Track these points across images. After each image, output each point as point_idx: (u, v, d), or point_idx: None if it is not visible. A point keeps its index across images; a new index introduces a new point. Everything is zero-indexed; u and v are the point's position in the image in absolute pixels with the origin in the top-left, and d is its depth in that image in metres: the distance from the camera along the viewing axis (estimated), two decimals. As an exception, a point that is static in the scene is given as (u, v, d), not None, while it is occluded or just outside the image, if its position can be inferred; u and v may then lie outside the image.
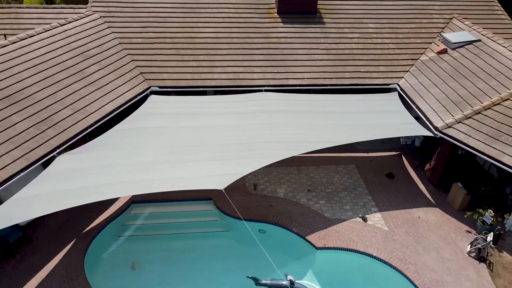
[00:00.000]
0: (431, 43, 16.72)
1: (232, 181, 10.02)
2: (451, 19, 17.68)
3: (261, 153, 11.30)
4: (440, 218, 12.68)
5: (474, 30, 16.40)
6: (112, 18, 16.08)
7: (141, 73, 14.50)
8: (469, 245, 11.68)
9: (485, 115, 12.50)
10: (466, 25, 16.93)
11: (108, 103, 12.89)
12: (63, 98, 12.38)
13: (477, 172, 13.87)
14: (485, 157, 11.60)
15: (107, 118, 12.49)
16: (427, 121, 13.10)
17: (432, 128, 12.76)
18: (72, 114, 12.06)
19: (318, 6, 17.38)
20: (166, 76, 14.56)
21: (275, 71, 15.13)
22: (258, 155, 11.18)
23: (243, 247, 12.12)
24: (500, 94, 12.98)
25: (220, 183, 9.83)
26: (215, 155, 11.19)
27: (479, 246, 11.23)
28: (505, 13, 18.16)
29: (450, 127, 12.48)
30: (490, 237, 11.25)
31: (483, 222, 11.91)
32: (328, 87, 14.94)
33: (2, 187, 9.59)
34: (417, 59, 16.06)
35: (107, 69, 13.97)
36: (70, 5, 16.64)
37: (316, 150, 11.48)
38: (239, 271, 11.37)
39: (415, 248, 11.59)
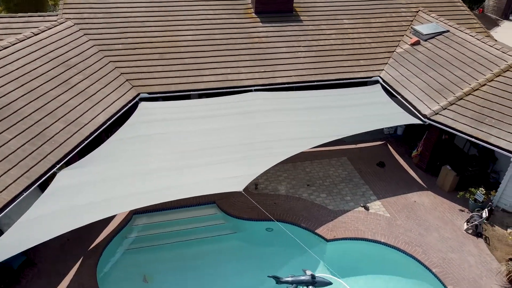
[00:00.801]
0: (403, 35, 17.55)
1: (249, 181, 10.07)
2: (417, 12, 18.64)
3: (269, 151, 11.40)
4: (433, 201, 13.41)
5: (441, 22, 17.43)
6: (87, 25, 15.46)
7: (127, 80, 14.07)
8: (465, 223, 12.47)
9: (467, 101, 13.36)
10: (433, 17, 17.94)
11: (100, 113, 12.40)
12: (53, 111, 11.75)
13: (459, 155, 14.79)
14: (473, 140, 12.42)
15: (101, 129, 12.02)
16: (415, 109, 13.78)
17: (420, 116, 13.44)
18: (65, 127, 11.49)
19: (294, 5, 17.67)
20: (154, 81, 14.23)
21: (262, 70, 15.24)
22: (266, 154, 11.28)
23: (253, 247, 12.19)
24: (477, 80, 13.91)
25: (238, 185, 9.84)
26: (223, 157, 11.14)
27: (476, 222, 12.02)
28: (464, 5, 19.44)
29: (438, 113, 13.23)
30: (485, 213, 12.08)
31: (475, 200, 12.76)
32: (315, 83, 15.26)
33: (8, 209, 8.98)
34: (393, 52, 16.80)
35: (92, 78, 13.43)
36: (39, 13, 15.77)
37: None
38: (253, 272, 11.44)
39: (417, 230, 12.19)
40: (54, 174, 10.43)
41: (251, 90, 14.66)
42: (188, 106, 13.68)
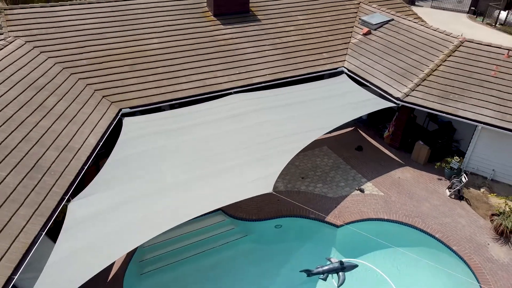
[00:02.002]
0: (353, 27, 18.79)
1: (274, 180, 10.23)
2: (359, 3, 20.04)
3: (277, 150, 11.65)
4: (414, 174, 14.75)
5: (384, 11, 18.99)
6: (40, 42, 14.19)
7: (103, 96, 13.24)
8: (447, 190, 13.94)
9: (430, 81, 14.86)
10: (374, 7, 19.45)
11: (89, 135, 11.55)
12: (39, 138, 10.68)
13: (423, 131, 16.40)
14: (444, 115, 13.89)
15: (96, 151, 11.22)
16: (386, 94, 14.94)
17: (393, 99, 14.62)
18: (59, 154, 10.53)
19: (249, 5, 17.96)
20: (131, 95, 13.57)
21: (237, 72, 15.32)
22: (276, 152, 11.53)
23: (268, 246, 12.34)
24: (433, 61, 15.51)
25: (265, 186, 9.95)
26: (236, 162, 11.12)
27: (458, 187, 13.52)
28: (397, -5, 21.33)
29: (408, 95, 14.52)
30: (464, 178, 13.61)
31: (451, 168, 14.30)
32: (289, 79, 15.73)
33: (31, 254, 8.08)
34: (348, 43, 17.92)
35: (67, 99, 12.41)
36: (-22, 34, 14.07)
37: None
38: (275, 270, 11.63)
39: (411, 203, 13.35)
40: (64, 207, 9.54)
41: (230, 93, 14.65)
42: (175, 116, 13.30)
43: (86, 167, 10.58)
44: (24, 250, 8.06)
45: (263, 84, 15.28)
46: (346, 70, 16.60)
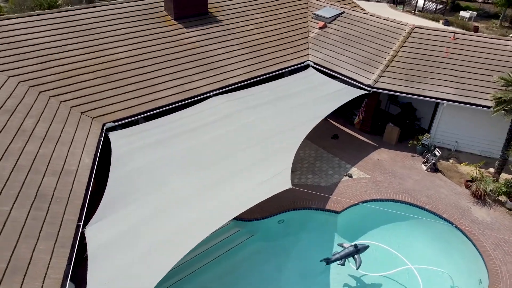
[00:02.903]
0: (307, 21, 19.48)
1: (289, 175, 10.42)
2: (306, -1, 20.80)
3: (279, 146, 11.84)
4: (390, 154, 15.81)
5: (333, 5, 19.94)
6: (-6, 60, 12.83)
7: (82, 113, 12.38)
8: (423, 164, 15.16)
9: (393, 66, 15.99)
10: (323, 2, 20.33)
11: (82, 155, 10.77)
12: (31, 165, 9.73)
13: (387, 113, 17.60)
14: (413, 96, 15.06)
15: (94, 170, 10.50)
16: (357, 82, 15.78)
17: (364, 86, 15.50)
18: (58, 179, 9.70)
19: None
20: (111, 108, 12.85)
21: (212, 74, 15.18)
22: (279, 148, 11.72)
23: (276, 242, 12.48)
24: (392, 48, 16.69)
25: (284, 183, 10.11)
26: (243, 165, 11.11)
27: (433, 161, 14.77)
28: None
29: (377, 82, 15.49)
30: (437, 152, 14.89)
31: (423, 144, 15.55)
32: (263, 77, 15.93)
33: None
34: (307, 37, 18.57)
35: (45, 120, 11.42)
36: None
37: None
38: (291, 263, 11.86)
39: (396, 181, 14.32)
40: (81, 234, 8.84)
41: (210, 96, 14.49)
42: (161, 125, 12.85)
43: (90, 189, 9.86)
44: (59, 287, 7.37)
45: (239, 84, 15.28)
46: (312, 64, 17.18)
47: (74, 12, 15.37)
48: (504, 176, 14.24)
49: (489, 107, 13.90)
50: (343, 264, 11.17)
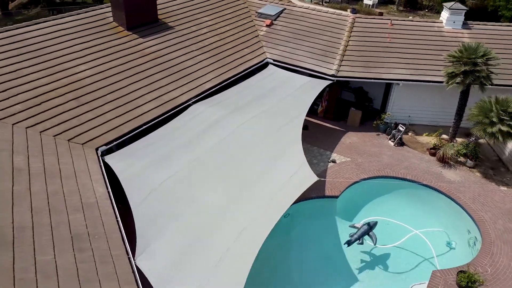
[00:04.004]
0: (252, 20, 19.90)
1: (310, 169, 10.86)
2: (243, -1, 21.20)
3: (282, 143, 12.20)
4: (358, 136, 17.11)
5: (272, 2, 20.65)
6: None
7: (69, 141, 11.29)
8: (389, 140, 16.72)
9: (348, 55, 17.25)
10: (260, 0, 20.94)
11: (93, 185, 9.91)
12: (48, 206, 8.73)
13: (342, 100, 18.95)
14: (373, 81, 16.48)
15: (113, 199, 9.75)
16: (320, 73, 16.71)
17: (328, 77, 16.50)
18: (84, 215, 8.85)
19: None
20: (98, 131, 11.91)
21: (185, 82, 14.84)
22: (285, 144, 12.10)
23: (288, 236, 12.85)
24: (342, 39, 17.95)
25: (309, 176, 10.53)
26: (259, 166, 11.23)
27: (400, 136, 16.38)
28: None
29: (339, 71, 16.61)
30: (401, 127, 16.54)
31: (385, 123, 17.12)
32: (233, 78, 16.00)
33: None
34: (258, 35, 19.01)
35: (35, 154, 10.21)
36: None
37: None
38: (308, 252, 12.38)
39: (373, 159, 15.61)
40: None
41: (190, 104, 14.19)
42: (155, 141, 12.24)
43: (119, 220, 9.18)
44: (148, 325, 6.89)
45: (213, 89, 15.18)
46: (271, 61, 17.67)
47: (17, 31, 13.70)
48: (456, 140, 16.40)
49: (439, 82, 15.84)
50: (362, 243, 11.98)
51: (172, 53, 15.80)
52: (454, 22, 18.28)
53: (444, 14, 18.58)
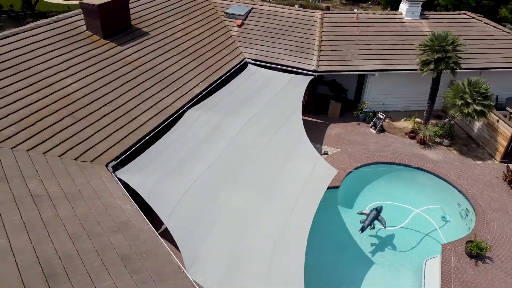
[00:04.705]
0: (222, 21, 19.86)
1: (328, 163, 11.24)
2: (206, 0, 21.07)
3: (290, 141, 12.44)
4: (341, 127, 17.84)
5: (238, 2, 20.75)
6: None
7: (76, 160, 10.69)
8: (371, 128, 17.63)
9: (324, 50, 17.86)
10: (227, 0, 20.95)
11: (119, 203, 9.51)
12: (85, 230, 8.29)
13: (320, 94, 19.60)
14: (352, 73, 17.25)
15: (141, 214, 9.44)
16: (301, 70, 17.16)
17: (310, 72, 17.00)
18: (124, 235, 8.51)
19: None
20: (102, 147, 11.35)
21: (175, 88, 14.55)
22: (293, 144, 12.30)
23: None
24: (315, 35, 18.53)
25: (329, 171, 10.91)
26: (278, 166, 11.40)
27: (380, 123, 17.34)
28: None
29: (319, 66, 17.18)
30: (381, 115, 17.50)
31: (364, 112, 18.01)
32: (218, 81, 15.93)
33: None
34: (230, 36, 19.03)
35: (47, 178, 9.55)
36: None
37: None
38: (322, 246, 12.81)
39: (362, 147, 16.38)
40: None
41: (185, 111, 13.96)
42: (161, 152, 11.89)
43: (158, 235, 8.92)
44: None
45: (203, 93, 15.03)
46: (250, 61, 17.80)
47: (-13, 47, 12.58)
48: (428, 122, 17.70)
49: (413, 70, 16.97)
50: (373, 228, 12.62)
51: (155, 59, 15.36)
52: (413, 13, 19.60)
53: (403, 6, 19.84)
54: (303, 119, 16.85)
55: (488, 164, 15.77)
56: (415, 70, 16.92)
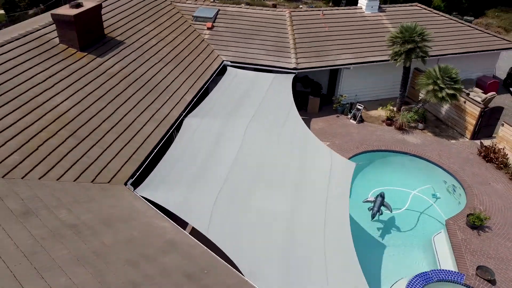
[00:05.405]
0: (190, 25, 19.53)
1: (344, 158, 11.68)
2: (170, 4, 20.57)
3: (301, 141, 12.66)
4: (323, 121, 18.44)
5: (204, 5, 20.52)
6: None
7: (93, 182, 10.06)
8: (351, 119, 18.44)
9: (299, 48, 18.30)
10: (190, 3, 20.63)
11: (157, 229, 9.14)
12: (144, 242, 7.91)
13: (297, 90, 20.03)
14: (329, 68, 17.87)
15: (182, 231, 9.16)
16: (283, 68, 17.44)
17: (291, 70, 17.35)
18: (181, 256, 8.23)
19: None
20: (114, 166, 10.73)
21: (167, 97, 14.12)
22: (303, 143, 12.54)
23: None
24: (288, 33, 18.89)
25: (348, 164, 11.34)
26: (299, 167, 11.57)
27: (359, 114, 18.18)
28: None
29: (299, 63, 17.58)
30: (359, 106, 18.34)
31: (342, 105, 18.76)
32: (205, 86, 15.70)
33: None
34: (203, 40, 18.79)
35: (73, 205, 8.92)
36: None
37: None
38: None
39: (347, 139, 17.09)
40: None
41: (182, 119, 13.64)
42: (174, 165, 11.50)
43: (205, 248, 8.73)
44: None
45: (195, 100, 14.75)
46: (229, 63, 17.73)
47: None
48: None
49: (385, 60, 17.99)
50: (381, 214, 13.30)
51: (138, 69, 14.75)
52: (372, 7, 20.71)
53: (363, 1, 20.87)
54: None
55: (461, 142, 17.22)
56: (387, 61, 17.94)
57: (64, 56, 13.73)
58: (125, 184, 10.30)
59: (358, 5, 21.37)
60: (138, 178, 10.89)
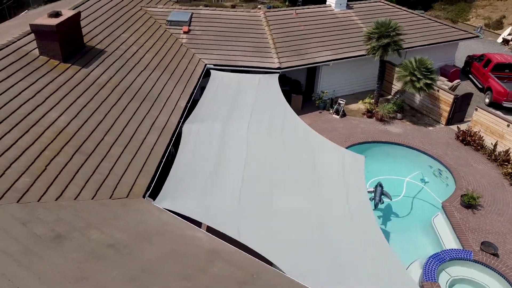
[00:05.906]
0: (165, 30, 19.14)
1: (353, 152, 12.02)
2: (140, 9, 20.04)
3: (303, 135, 12.90)
4: (308, 118, 18.75)
5: (177, 9, 20.18)
6: None
7: (111, 198, 9.65)
8: (334, 114, 18.97)
9: (279, 47, 18.53)
10: (162, 7, 20.23)
11: (194, 240, 8.96)
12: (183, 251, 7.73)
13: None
14: (312, 66, 18.25)
15: (217, 239, 9.05)
16: (266, 69, 17.58)
17: (275, 70, 17.54)
18: (215, 263, 8.13)
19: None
20: (127, 179, 10.37)
21: (162, 104, 13.78)
22: (308, 141, 12.79)
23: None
24: (266, 34, 19.06)
25: (357, 158, 11.71)
26: (311, 168, 11.73)
27: (342, 109, 18.75)
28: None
29: (282, 63, 17.79)
30: (341, 101, 18.89)
31: (324, 101, 19.25)
32: (194, 92, 15.48)
33: None
34: (181, 44, 18.50)
35: (100, 222, 8.56)
36: None
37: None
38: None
39: (335, 133, 17.56)
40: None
41: (181, 126, 13.40)
42: (185, 174, 11.25)
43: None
44: None
45: (188, 106, 14.52)
46: (211, 66, 17.58)
47: None
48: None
49: (362, 55, 18.67)
50: (383, 202, 13.84)
51: (126, 77, 14.25)
52: (340, 4, 21.40)
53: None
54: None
55: (438, 128, 18.30)
56: (364, 55, 18.64)
57: (47, 68, 12.95)
58: (143, 197, 9.94)
59: (327, 3, 21.96)
60: (153, 188, 10.57)
